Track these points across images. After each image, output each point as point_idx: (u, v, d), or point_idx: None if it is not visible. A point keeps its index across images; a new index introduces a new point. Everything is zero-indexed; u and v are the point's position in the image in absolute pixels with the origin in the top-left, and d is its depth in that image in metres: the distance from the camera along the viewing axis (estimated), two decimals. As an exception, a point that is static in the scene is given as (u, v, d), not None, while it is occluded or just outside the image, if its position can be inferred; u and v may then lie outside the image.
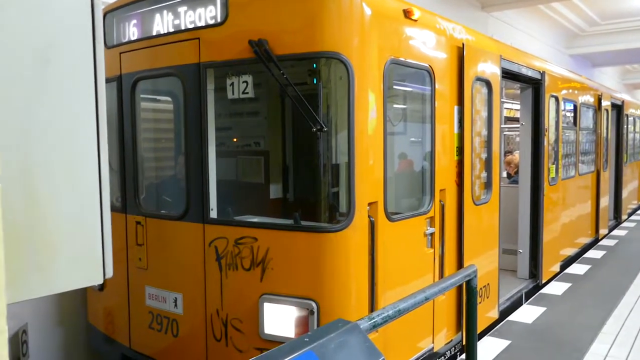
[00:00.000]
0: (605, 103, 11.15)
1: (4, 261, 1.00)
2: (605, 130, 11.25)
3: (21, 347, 4.98)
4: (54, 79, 1.24)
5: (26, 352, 5.09)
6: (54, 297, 5.66)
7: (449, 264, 5.07)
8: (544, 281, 7.65)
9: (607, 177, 11.55)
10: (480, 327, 5.72)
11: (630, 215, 14.39)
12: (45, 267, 1.23)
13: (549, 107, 7.69)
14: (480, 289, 5.66)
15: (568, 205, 8.87)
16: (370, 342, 2.24)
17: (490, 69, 5.76)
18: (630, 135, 14.08)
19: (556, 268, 8.27)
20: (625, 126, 13.21)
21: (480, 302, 5.68)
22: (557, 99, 8.09)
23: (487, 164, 5.82)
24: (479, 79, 5.48)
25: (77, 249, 1.27)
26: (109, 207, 1.35)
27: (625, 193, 13.35)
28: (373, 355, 2.15)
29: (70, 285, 1.27)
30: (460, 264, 5.22)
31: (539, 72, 7.32)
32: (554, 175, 7.96)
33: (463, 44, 5.13)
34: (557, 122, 8.11)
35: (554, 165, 8.00)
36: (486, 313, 5.85)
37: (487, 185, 5.83)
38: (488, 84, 5.74)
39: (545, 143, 7.50)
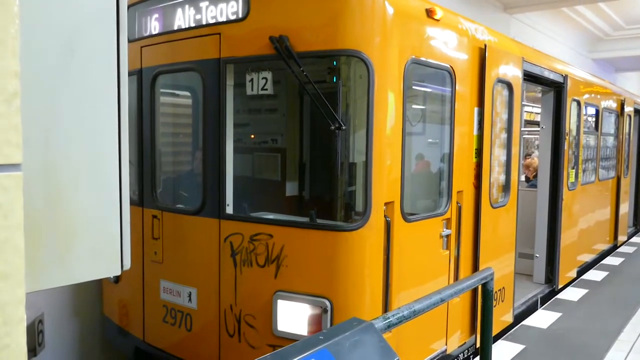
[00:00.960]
0: (628, 109, 10.98)
1: (24, 250, 1.00)
2: (627, 136, 11.08)
3: (37, 337, 5.04)
4: (78, 71, 1.24)
5: (42, 342, 5.14)
6: (70, 288, 5.72)
7: (465, 266, 5.03)
8: (560, 286, 7.56)
9: (627, 183, 11.38)
10: (494, 331, 5.67)
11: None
12: (64, 257, 1.23)
13: (571, 111, 7.59)
14: (496, 292, 5.61)
15: (587, 210, 8.74)
16: (385, 341, 2.23)
17: (512, 71, 5.70)
18: None
19: (573, 274, 8.17)
20: None
21: (495, 306, 5.59)
22: (579, 103, 7.97)
23: (506, 167, 5.76)
24: (500, 80, 5.43)
25: (96, 240, 1.28)
26: (128, 200, 1.35)
27: None
28: (388, 355, 2.14)
29: (88, 275, 1.27)
30: (475, 267, 5.18)
31: (562, 75, 7.23)
32: (573, 180, 7.85)
33: (485, 45, 5.08)
34: (578, 127, 8.00)
35: (574, 170, 7.90)
36: (501, 317, 5.80)
37: (505, 188, 5.77)
38: (509, 86, 5.68)
39: (566, 147, 7.40)
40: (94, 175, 1.27)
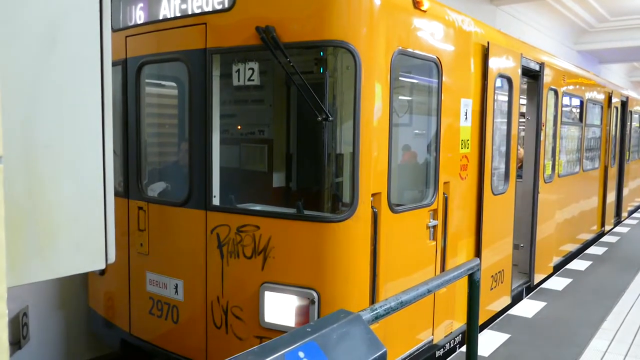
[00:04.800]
0: (615, 100, 11.00)
1: (4, 244, 0.98)
2: (614, 128, 11.10)
3: (21, 330, 5.00)
4: (60, 61, 1.21)
5: (26, 335, 5.10)
6: (55, 280, 5.67)
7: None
8: (535, 282, 7.36)
9: (613, 173, 11.43)
10: (493, 312, 6.10)
11: (631, 213, 14.31)
12: (47, 251, 1.21)
13: (547, 101, 7.28)
14: (495, 274, 5.96)
15: (568, 202, 8.62)
16: (372, 333, 2.23)
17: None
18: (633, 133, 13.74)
19: (549, 269, 7.99)
20: (629, 123, 12.85)
21: (494, 287, 5.99)
22: (556, 92, 7.66)
23: (506, 158, 6.13)
24: (489, 71, 5.44)
25: (80, 233, 1.25)
26: (112, 192, 1.32)
27: (626, 191, 13.09)
28: (375, 347, 2.14)
29: (71, 269, 1.25)
30: (479, 247, 5.52)
31: (537, 63, 6.98)
32: (550, 173, 7.60)
33: (472, 35, 5.08)
34: (555, 117, 7.68)
35: (550, 162, 7.59)
36: (499, 298, 6.05)
37: (505, 177, 6.12)
38: (508, 78, 5.71)
39: (542, 138, 7.11)
40: (76, 166, 1.24)
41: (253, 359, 1.81)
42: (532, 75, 7.17)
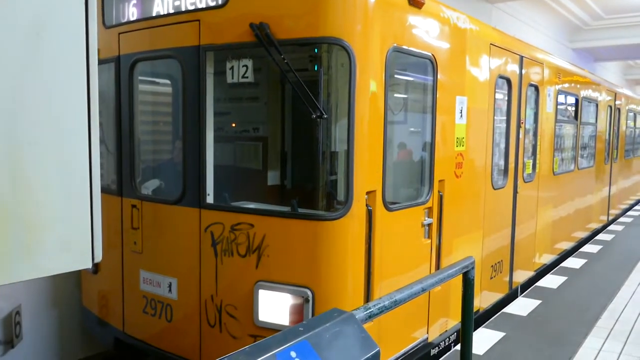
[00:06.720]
0: (608, 97, 10.92)
1: (-13, 243, 0.96)
2: (614, 125, 11.00)
3: (14, 329, 4.97)
4: (44, 56, 1.19)
5: (19, 334, 5.07)
6: (48, 279, 5.63)
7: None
8: (515, 284, 6.97)
9: (607, 170, 11.38)
10: (494, 299, 6.32)
11: (625, 211, 14.29)
12: (33, 250, 1.19)
13: (527, 97, 6.82)
14: (495, 264, 6.20)
15: (554, 202, 8.35)
16: (365, 332, 2.21)
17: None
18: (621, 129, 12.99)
19: (529, 274, 7.52)
20: (617, 119, 12.25)
21: (493, 277, 6.19)
22: (537, 88, 7.16)
23: (505, 155, 6.35)
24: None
25: (66, 232, 1.23)
26: (99, 190, 1.30)
27: (614, 189, 12.62)
28: (368, 346, 2.13)
29: (57, 268, 1.23)
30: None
31: (517, 55, 6.54)
32: (530, 172, 7.13)
33: (467, 32, 5.07)
34: (536, 114, 7.22)
35: (530, 161, 7.16)
36: (498, 287, 6.24)
37: (505, 174, 6.33)
38: (507, 79, 5.70)
39: (521, 136, 6.68)
40: (62, 164, 1.22)
41: (244, 359, 1.79)
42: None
